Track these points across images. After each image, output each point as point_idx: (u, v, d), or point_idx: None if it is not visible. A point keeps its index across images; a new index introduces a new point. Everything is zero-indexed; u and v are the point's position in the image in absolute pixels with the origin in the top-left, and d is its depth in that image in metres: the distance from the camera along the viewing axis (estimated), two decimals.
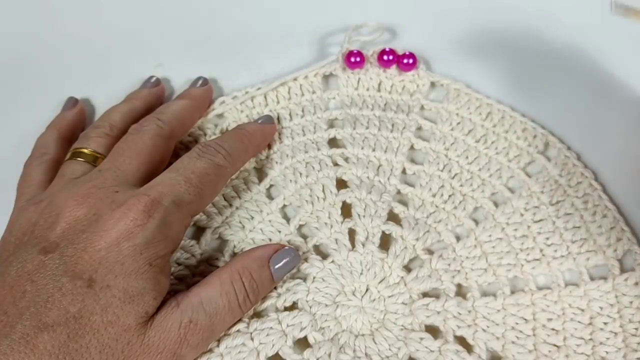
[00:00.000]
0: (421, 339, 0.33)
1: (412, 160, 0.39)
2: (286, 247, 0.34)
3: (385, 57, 0.42)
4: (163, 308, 0.29)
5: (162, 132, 0.36)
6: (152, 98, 0.41)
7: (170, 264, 0.32)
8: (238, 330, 0.32)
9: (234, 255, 0.36)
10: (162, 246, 0.30)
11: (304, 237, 0.36)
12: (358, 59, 0.42)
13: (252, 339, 0.32)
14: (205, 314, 0.30)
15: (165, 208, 0.30)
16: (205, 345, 0.31)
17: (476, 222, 0.37)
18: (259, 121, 0.39)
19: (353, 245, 0.36)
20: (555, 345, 0.33)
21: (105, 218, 0.29)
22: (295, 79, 0.42)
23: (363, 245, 0.36)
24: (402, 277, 0.35)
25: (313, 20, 0.46)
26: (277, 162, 0.39)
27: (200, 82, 0.41)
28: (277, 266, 0.33)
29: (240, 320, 0.33)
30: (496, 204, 0.37)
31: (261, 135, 0.38)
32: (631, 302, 0.33)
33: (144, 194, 0.30)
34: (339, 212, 0.37)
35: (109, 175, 0.32)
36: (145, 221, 0.29)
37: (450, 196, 0.37)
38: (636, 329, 0.33)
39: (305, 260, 0.35)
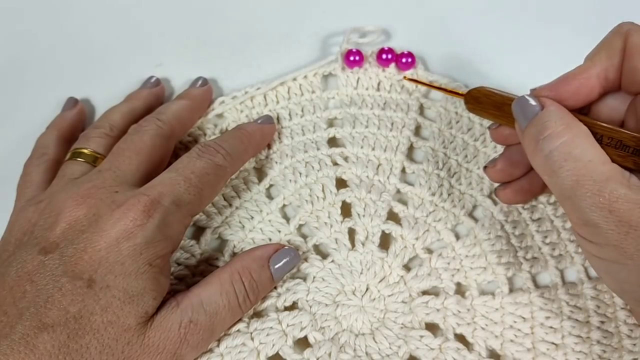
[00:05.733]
0: (421, 337, 0.33)
1: (412, 159, 0.40)
2: (286, 247, 0.34)
3: (383, 56, 0.42)
4: (163, 308, 0.30)
5: (162, 132, 0.36)
6: (152, 98, 0.41)
7: (170, 264, 0.32)
8: (238, 330, 0.33)
9: (233, 255, 0.36)
10: (162, 246, 0.30)
11: (304, 236, 0.37)
12: (357, 58, 0.42)
13: (252, 338, 0.32)
14: (205, 314, 0.30)
15: (165, 208, 0.30)
16: (205, 345, 0.31)
17: (475, 220, 0.37)
18: (259, 121, 0.39)
19: (353, 245, 0.36)
20: (553, 344, 0.33)
21: (105, 218, 0.29)
22: (294, 79, 0.42)
23: (363, 244, 0.36)
24: (401, 276, 0.35)
25: (312, 20, 0.46)
26: (276, 162, 0.39)
27: (200, 82, 0.41)
28: (277, 266, 0.33)
29: (240, 320, 0.33)
30: (495, 202, 0.37)
31: (261, 135, 0.38)
32: (626, 304, 0.34)
33: (144, 194, 0.30)
34: (339, 211, 0.37)
35: (108, 175, 0.32)
36: (145, 221, 0.29)
37: (449, 195, 0.38)
38: (631, 330, 0.33)
39: (305, 259, 0.35)
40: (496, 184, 0.37)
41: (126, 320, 0.28)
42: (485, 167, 0.36)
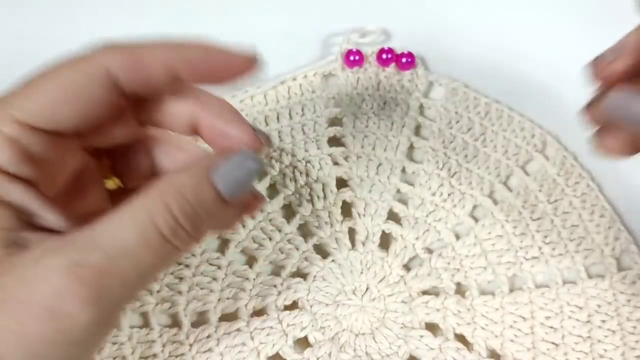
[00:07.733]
0: (421, 336, 0.33)
1: (412, 159, 0.40)
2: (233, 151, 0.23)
3: (383, 56, 0.42)
4: (37, 247, 0.20)
5: None
6: None
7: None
8: (238, 329, 0.33)
9: (234, 254, 0.36)
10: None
11: (305, 236, 0.37)
12: (357, 57, 0.42)
13: (252, 338, 0.32)
14: (102, 254, 0.20)
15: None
16: (111, 302, 0.20)
17: (475, 220, 0.37)
18: None
19: (353, 245, 0.36)
20: (553, 343, 0.33)
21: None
22: (294, 79, 0.42)
23: (363, 244, 0.36)
24: (402, 276, 0.35)
25: (312, 20, 0.46)
26: (277, 161, 0.39)
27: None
28: (222, 176, 0.22)
29: (240, 319, 0.33)
30: (495, 202, 0.37)
31: None
32: (629, 301, 0.34)
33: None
34: (339, 211, 0.37)
35: None
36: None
37: (449, 194, 0.38)
38: (634, 327, 0.33)
39: (306, 259, 0.35)
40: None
41: None
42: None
